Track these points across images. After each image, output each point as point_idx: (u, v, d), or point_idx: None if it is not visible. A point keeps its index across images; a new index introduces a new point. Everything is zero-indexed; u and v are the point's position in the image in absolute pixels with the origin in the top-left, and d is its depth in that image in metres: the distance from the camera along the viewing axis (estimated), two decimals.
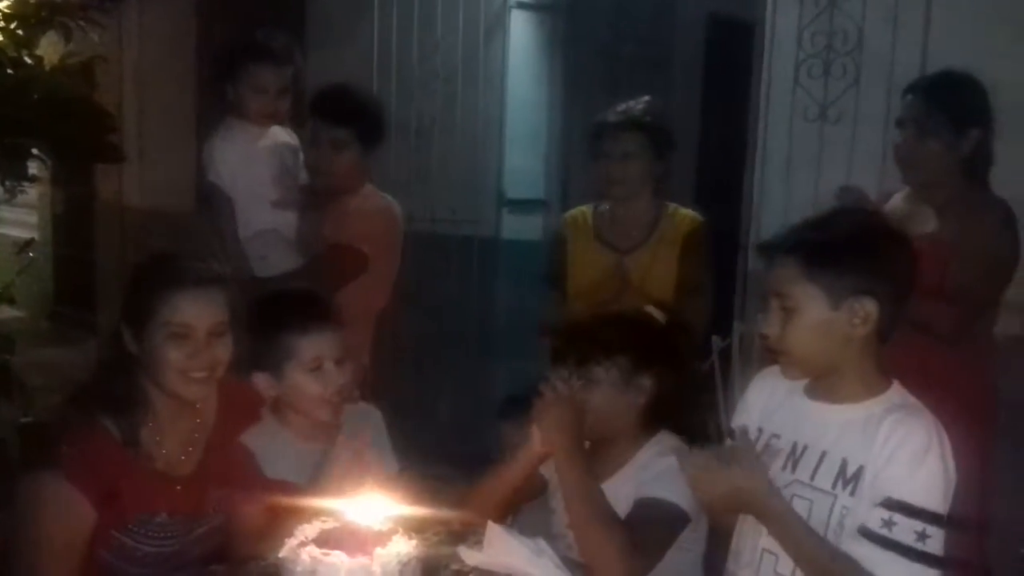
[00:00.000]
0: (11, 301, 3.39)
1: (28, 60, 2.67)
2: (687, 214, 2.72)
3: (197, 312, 1.68)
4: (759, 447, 1.58)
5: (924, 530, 1.39)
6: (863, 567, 1.41)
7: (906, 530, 1.40)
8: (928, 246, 2.22)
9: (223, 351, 1.72)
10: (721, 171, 3.76)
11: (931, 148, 2.27)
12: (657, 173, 2.66)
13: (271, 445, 1.88)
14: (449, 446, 3.77)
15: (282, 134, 2.80)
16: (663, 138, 2.66)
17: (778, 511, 1.47)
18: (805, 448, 1.53)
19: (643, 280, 2.61)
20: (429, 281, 4.03)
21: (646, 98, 2.70)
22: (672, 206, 2.72)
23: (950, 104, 2.27)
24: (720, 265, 3.51)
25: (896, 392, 1.52)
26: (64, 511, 1.59)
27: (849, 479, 1.46)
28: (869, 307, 1.46)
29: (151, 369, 1.69)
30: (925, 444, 1.43)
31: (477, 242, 4.08)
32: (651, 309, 2.00)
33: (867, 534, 1.42)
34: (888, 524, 1.40)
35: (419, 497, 1.65)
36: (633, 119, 2.64)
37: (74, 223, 6.34)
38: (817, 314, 1.47)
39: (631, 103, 2.68)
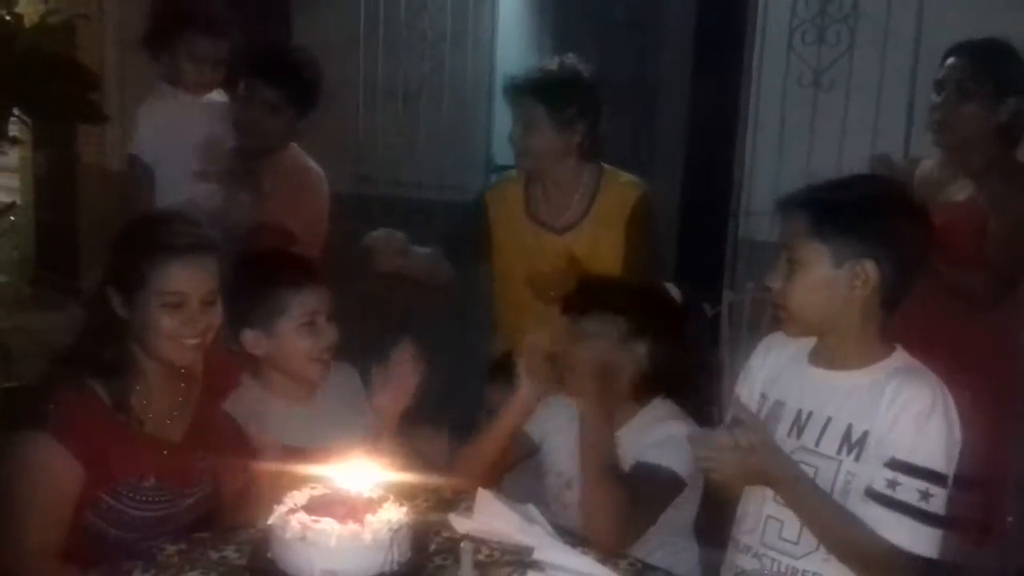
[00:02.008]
0: None
1: (7, 18, 2.61)
2: (628, 182, 2.40)
3: (191, 281, 1.67)
4: (763, 415, 1.58)
5: (927, 490, 1.42)
6: (870, 527, 1.43)
7: (909, 490, 1.42)
8: (965, 213, 2.23)
9: (214, 317, 1.72)
10: (712, 138, 3.72)
11: (969, 111, 2.28)
12: (570, 142, 2.30)
13: (254, 409, 1.87)
14: (437, 410, 3.76)
15: (214, 98, 2.74)
16: (568, 104, 2.27)
17: (790, 477, 1.48)
18: (810, 414, 1.53)
19: (586, 264, 2.29)
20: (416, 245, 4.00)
21: (563, 56, 2.34)
22: (610, 172, 2.41)
23: (994, 70, 2.28)
24: (711, 233, 3.52)
25: (899, 357, 1.53)
26: (53, 470, 1.59)
27: (854, 444, 1.48)
28: (870, 270, 1.47)
29: (141, 335, 1.67)
30: (929, 405, 1.44)
31: (464, 208, 4.02)
32: (670, 287, 2.01)
33: (872, 495, 1.44)
34: (892, 484, 1.42)
35: (400, 460, 1.64)
36: (528, 83, 2.30)
37: (56, 187, 6.25)
38: (820, 271, 1.49)
39: (543, 63, 2.34)
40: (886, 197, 1.56)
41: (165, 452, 1.70)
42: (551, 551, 1.47)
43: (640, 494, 1.69)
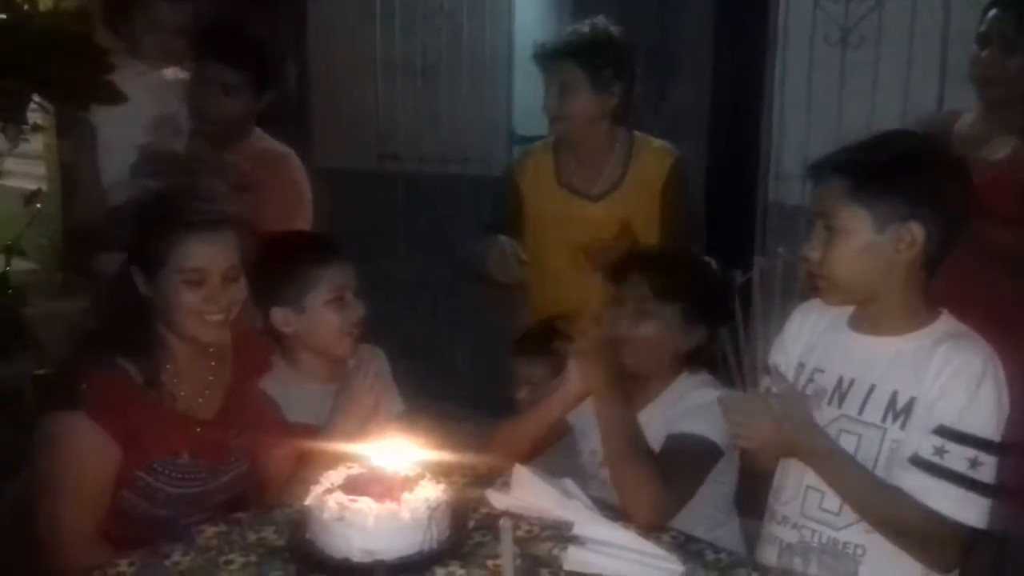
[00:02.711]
0: (21, 253, 3.36)
1: (24, 4, 2.59)
2: (661, 148, 2.39)
3: (211, 257, 1.66)
4: (801, 383, 1.54)
5: (976, 457, 1.38)
6: (913, 498, 1.39)
7: (958, 457, 1.38)
8: (1006, 170, 2.15)
9: (237, 293, 1.71)
10: (738, 100, 3.65)
11: (1015, 65, 2.16)
12: (607, 105, 2.29)
13: (285, 390, 1.87)
14: (460, 386, 3.75)
15: (173, 75, 2.57)
16: (605, 65, 2.26)
17: (824, 450, 1.45)
18: (852, 382, 1.49)
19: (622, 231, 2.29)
20: (440, 223, 3.98)
21: (593, 19, 2.33)
22: (641, 138, 2.39)
23: None
24: (739, 198, 3.46)
25: (945, 322, 1.48)
26: (90, 450, 1.59)
27: (899, 412, 1.43)
28: (916, 232, 1.42)
29: (166, 312, 1.68)
30: (980, 371, 1.40)
31: (489, 181, 3.99)
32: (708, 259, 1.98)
33: (918, 462, 1.40)
34: (940, 452, 1.38)
35: (431, 438, 1.62)
36: (563, 46, 2.28)
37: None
38: (861, 236, 1.43)
39: (574, 26, 2.33)
40: (927, 154, 1.49)
41: (198, 429, 1.71)
42: (592, 526, 1.44)
43: (676, 467, 1.64)
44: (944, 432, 1.38)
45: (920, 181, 1.42)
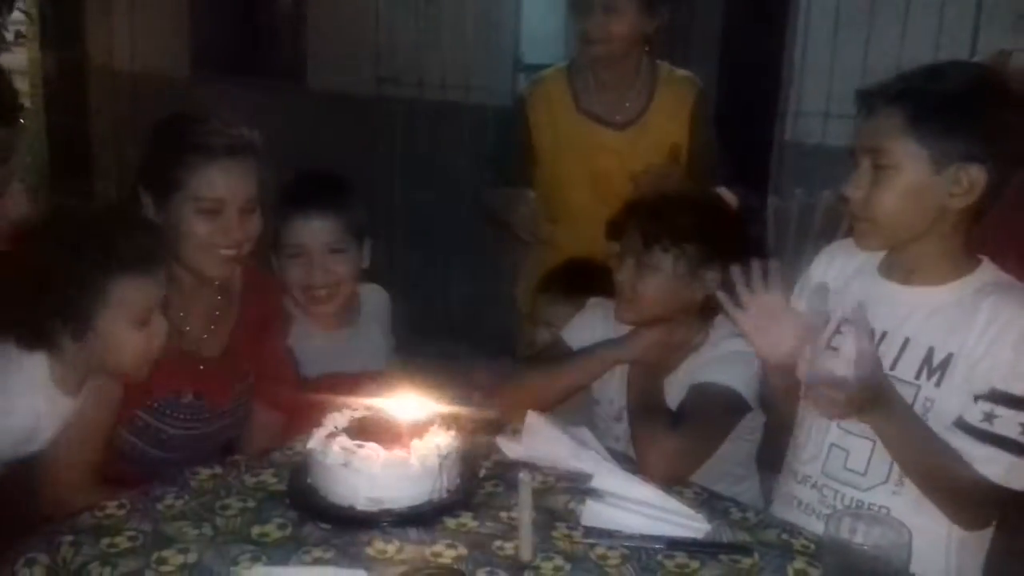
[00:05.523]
0: None
1: None
2: (685, 78, 2.29)
3: (230, 187, 1.56)
4: (826, 334, 1.45)
5: None
6: (962, 459, 1.29)
7: (1010, 423, 1.28)
8: None
9: (252, 228, 1.61)
10: (756, 30, 3.50)
11: None
12: (647, 30, 2.19)
13: (296, 335, 1.79)
14: (456, 321, 3.68)
15: None
16: None
17: (897, 400, 1.33)
18: (884, 335, 1.38)
19: (647, 162, 2.15)
20: (441, 152, 3.85)
21: None
22: (665, 66, 2.29)
23: None
24: (753, 135, 3.33)
25: (987, 271, 1.37)
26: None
27: (935, 368, 1.33)
28: (976, 177, 1.29)
29: (173, 241, 1.57)
30: None
31: (491, 110, 3.85)
32: (723, 191, 1.83)
33: (965, 427, 1.30)
34: (990, 417, 1.28)
35: (427, 380, 1.53)
36: None
37: (66, 90, 6.12)
38: (914, 176, 1.30)
39: None
40: (995, 88, 1.35)
41: (202, 367, 1.63)
42: (610, 478, 1.36)
43: (696, 418, 1.54)
44: (995, 396, 1.28)
45: (987, 119, 1.29)
